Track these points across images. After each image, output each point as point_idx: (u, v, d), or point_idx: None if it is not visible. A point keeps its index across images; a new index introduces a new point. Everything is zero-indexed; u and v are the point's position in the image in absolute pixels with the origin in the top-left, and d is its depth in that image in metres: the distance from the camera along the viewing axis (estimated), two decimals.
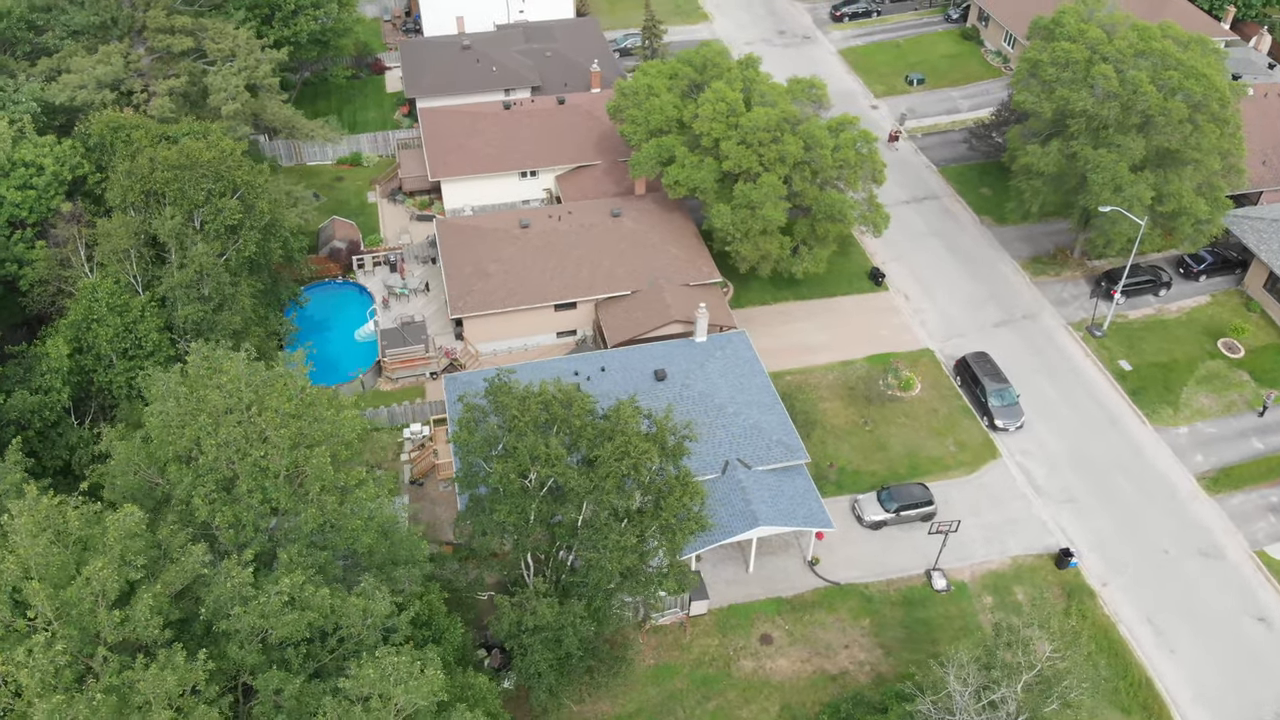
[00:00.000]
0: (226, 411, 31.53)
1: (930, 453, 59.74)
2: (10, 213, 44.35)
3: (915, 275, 72.18)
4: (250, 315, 45.65)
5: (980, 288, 71.01)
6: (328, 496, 31.94)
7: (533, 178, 74.16)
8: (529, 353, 64.54)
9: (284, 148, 79.27)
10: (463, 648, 38.80)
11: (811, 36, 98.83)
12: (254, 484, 31.12)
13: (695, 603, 50.59)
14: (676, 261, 64.74)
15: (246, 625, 27.29)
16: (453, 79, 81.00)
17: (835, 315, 68.75)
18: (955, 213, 77.57)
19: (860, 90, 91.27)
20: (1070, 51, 61.64)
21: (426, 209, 75.38)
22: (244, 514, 31.27)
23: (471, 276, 63.00)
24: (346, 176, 79.64)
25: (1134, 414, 62.17)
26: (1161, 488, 57.97)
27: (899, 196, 78.95)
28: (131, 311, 41.85)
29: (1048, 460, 59.49)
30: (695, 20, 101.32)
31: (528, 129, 74.77)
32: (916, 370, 64.68)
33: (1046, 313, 69.07)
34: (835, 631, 50.96)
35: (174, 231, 42.42)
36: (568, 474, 38.41)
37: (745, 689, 48.50)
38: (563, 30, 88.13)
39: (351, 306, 67.23)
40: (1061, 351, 66.25)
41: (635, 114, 65.60)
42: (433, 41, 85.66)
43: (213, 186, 43.61)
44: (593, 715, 47.23)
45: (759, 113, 61.98)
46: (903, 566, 53.87)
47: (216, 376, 32.21)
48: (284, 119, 56.53)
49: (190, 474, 31.28)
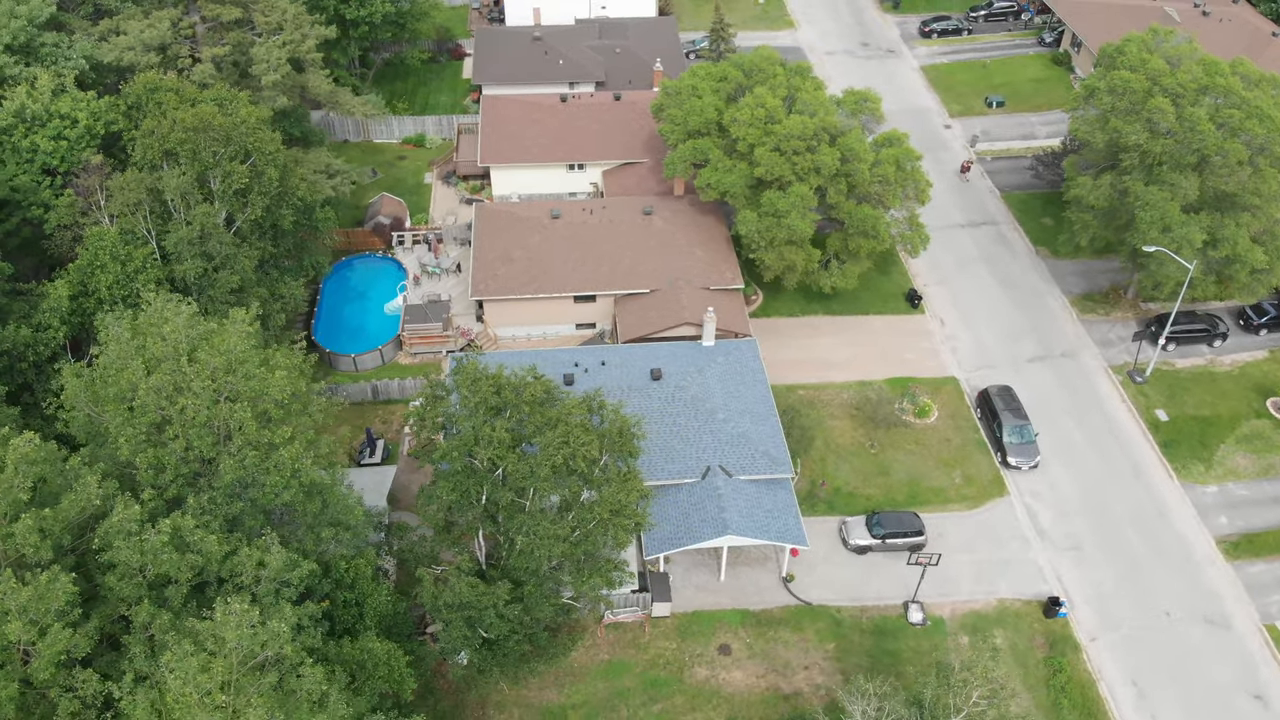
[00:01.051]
0: (164, 359, 33.28)
1: (933, 482, 57.96)
2: (43, 161, 47.77)
3: (955, 300, 70.01)
4: (251, 277, 47.76)
5: (1022, 319, 68.39)
6: (248, 451, 33.30)
7: (580, 171, 74.93)
8: (546, 341, 65.34)
9: (352, 125, 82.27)
10: (394, 615, 39.74)
11: (896, 50, 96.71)
12: (180, 430, 32.75)
13: (657, 604, 50.47)
14: (700, 264, 64.51)
15: (125, 559, 28.77)
16: (520, 69, 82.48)
17: (863, 334, 67.29)
18: (1011, 240, 74.84)
19: (936, 108, 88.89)
20: (1128, 81, 58.79)
21: (477, 194, 77.03)
22: (166, 458, 32.93)
23: (497, 261, 64.17)
24: (409, 156, 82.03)
25: (1161, 466, 58.94)
26: (1176, 547, 54.83)
27: (955, 219, 76.70)
28: (133, 261, 44.46)
29: (1057, 504, 56.97)
30: (779, 27, 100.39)
31: (580, 122, 75.59)
32: (936, 398, 62.80)
33: (1088, 352, 66.05)
34: (797, 651, 50.06)
35: (179, 189, 44.91)
36: (509, 458, 38.91)
37: (694, 696, 48.16)
38: (638, 28, 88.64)
39: (387, 280, 69.32)
40: (1095, 394, 63.27)
41: (675, 113, 65.61)
42: (507, 31, 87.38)
43: (222, 150, 45.88)
44: (537, 701, 47.66)
45: (795, 121, 61.17)
46: (881, 594, 52.49)
47: (161, 326, 34.02)
48: (326, 93, 58.71)
49: (123, 414, 33.16)
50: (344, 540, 37.87)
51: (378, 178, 78.61)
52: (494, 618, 39.29)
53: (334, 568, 37.19)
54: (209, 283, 46.59)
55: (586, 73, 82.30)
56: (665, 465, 52.17)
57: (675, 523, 50.35)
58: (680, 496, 51.31)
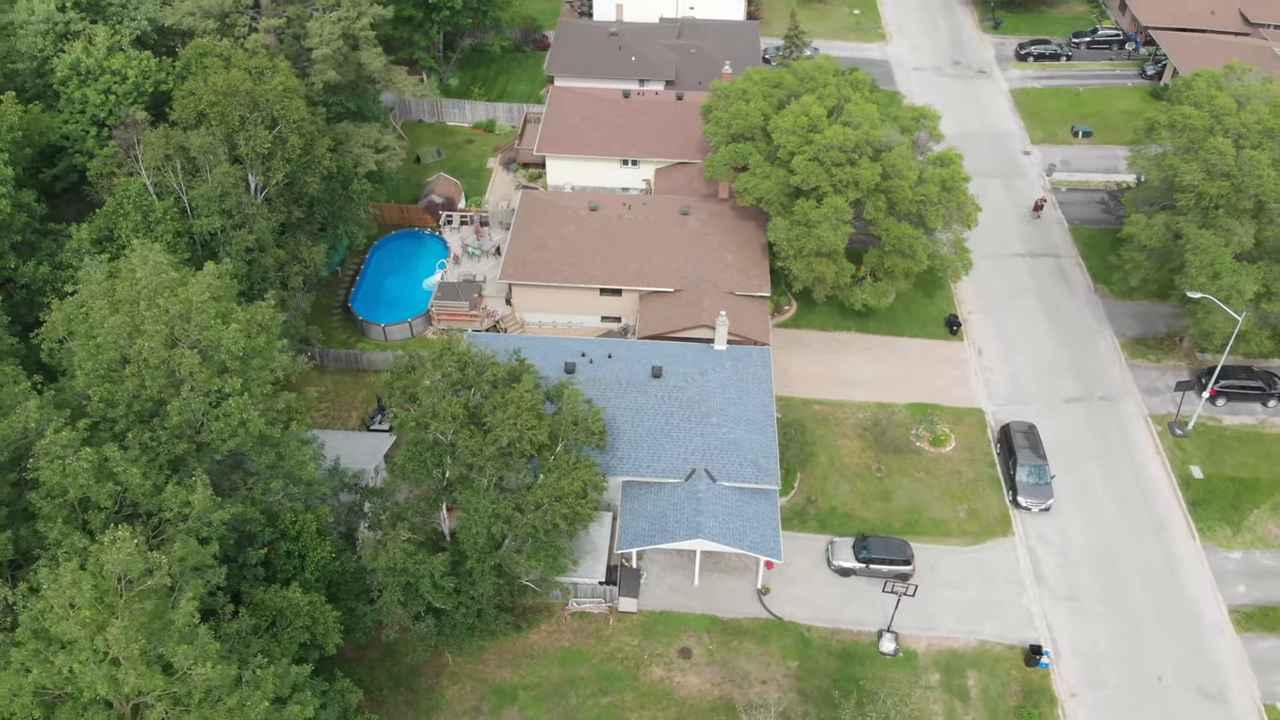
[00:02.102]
0: (129, 302, 35.39)
1: (936, 513, 56.23)
2: (93, 113, 51.24)
3: (999, 331, 67.60)
4: (269, 238, 50.03)
5: (1065, 357, 65.55)
6: (196, 396, 35.05)
7: (634, 167, 75.39)
8: (571, 330, 66.09)
9: (427, 106, 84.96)
10: (341, 573, 41.04)
11: (988, 71, 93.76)
12: (136, 370, 34.76)
13: (624, 598, 50.59)
14: (729, 269, 64.15)
15: (47, 478, 30.76)
16: (592, 62, 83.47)
17: (893, 355, 65.67)
18: (1070, 275, 71.75)
19: (1017, 133, 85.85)
20: (1189, 117, 55.70)
21: (533, 181, 78.39)
22: (119, 394, 34.99)
23: (529, 247, 65.27)
24: (477, 140, 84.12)
25: (1185, 525, 55.70)
26: (1184, 611, 51.77)
27: (1014, 247, 74.03)
28: (155, 212, 47.20)
29: (1064, 551, 54.52)
30: (870, 39, 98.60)
31: (640, 119, 76.10)
32: (957, 428, 60.85)
33: (1130, 399, 62.84)
34: (758, 664, 49.41)
35: (204, 148, 47.46)
36: (462, 434, 39.74)
37: (646, 695, 48.10)
38: (719, 30, 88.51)
39: (430, 257, 71.36)
40: (1129, 442, 60.17)
41: (721, 116, 65.42)
42: (586, 25, 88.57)
43: (248, 115, 48.25)
44: (492, 678, 48.41)
45: (836, 131, 60.19)
46: (857, 619, 51.30)
47: (133, 272, 36.21)
48: (378, 70, 60.87)
49: (88, 349, 35.46)
50: (294, 494, 39.41)
51: (442, 158, 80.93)
52: (429, 587, 40.22)
53: (280, 518, 38.78)
54: (226, 239, 49.11)
55: (657, 71, 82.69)
56: (651, 463, 52.22)
57: (651, 520, 50.37)
58: (660, 495, 51.29)
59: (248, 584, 37.19)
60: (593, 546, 51.09)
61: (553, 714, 47.32)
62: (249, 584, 37.19)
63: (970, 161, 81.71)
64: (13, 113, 46.72)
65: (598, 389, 54.82)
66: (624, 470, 52.14)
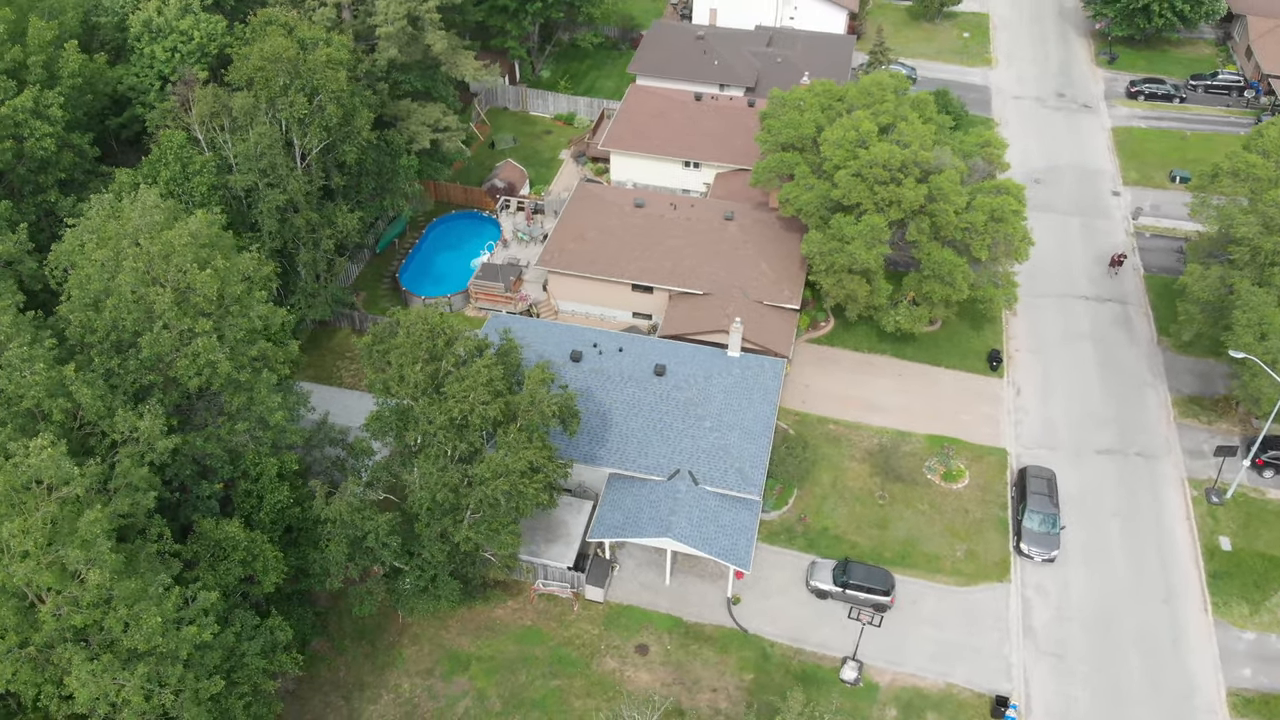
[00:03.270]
0: (117, 238, 38.08)
1: (931, 548, 54.47)
2: (159, 69, 55.13)
3: (1044, 372, 64.81)
4: (301, 199, 52.69)
5: (1108, 407, 62.32)
6: (165, 332, 37.48)
7: (696, 169, 75.65)
8: (602, 323, 66.87)
9: (513, 95, 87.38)
10: (302, 521, 42.95)
11: (1093, 106, 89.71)
12: (117, 301, 37.47)
13: (590, 586, 51.04)
14: (762, 278, 63.69)
15: (3, 386, 33.45)
16: (674, 64, 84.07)
17: (924, 384, 63.82)
18: (1134, 324, 68.06)
19: (1110, 172, 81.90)
20: (1254, 166, 52.24)
21: (599, 176, 79.58)
22: (96, 322, 37.77)
23: (570, 237, 66.41)
24: (555, 132, 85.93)
25: (1200, 596, 52.25)
26: (1178, 684, 48.63)
27: (1080, 289, 70.75)
28: (193, 164, 50.48)
29: (1061, 605, 51.97)
30: (974, 63, 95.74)
31: (707, 123, 76.30)
32: (974, 466, 58.73)
33: (1170, 459, 59.27)
34: (713, 671, 49.05)
35: (243, 108, 50.45)
36: (421, 401, 41.08)
37: (594, 683, 48.44)
38: (810, 42, 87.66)
39: (483, 238, 73.44)
40: (1158, 503, 56.81)
41: (773, 124, 65.03)
42: (676, 27, 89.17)
43: (289, 82, 51.00)
44: (451, 645, 49.69)
45: (882, 148, 59.05)
46: (823, 643, 50.25)
47: (128, 211, 39.00)
48: (442, 52, 63.06)
49: (75, 278, 38.45)
50: (261, 438, 41.58)
51: (516, 145, 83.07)
52: (374, 543, 41.71)
53: (243, 458, 41.02)
54: (258, 197, 52.05)
55: (738, 77, 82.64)
56: (637, 458, 52.52)
57: (626, 514, 50.67)
58: (641, 491, 51.52)
59: (199, 515, 39.51)
60: (566, 532, 51.76)
61: (500, 688, 48.23)
62: (200, 515, 39.50)
63: (1053, 197, 79.05)
64: (74, 60, 50.91)
65: (599, 379, 55.53)
66: (611, 462, 52.62)
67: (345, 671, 48.74)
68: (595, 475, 53.58)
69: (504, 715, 47.21)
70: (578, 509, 52.81)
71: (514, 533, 42.44)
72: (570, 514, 52.55)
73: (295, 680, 47.95)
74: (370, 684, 48.31)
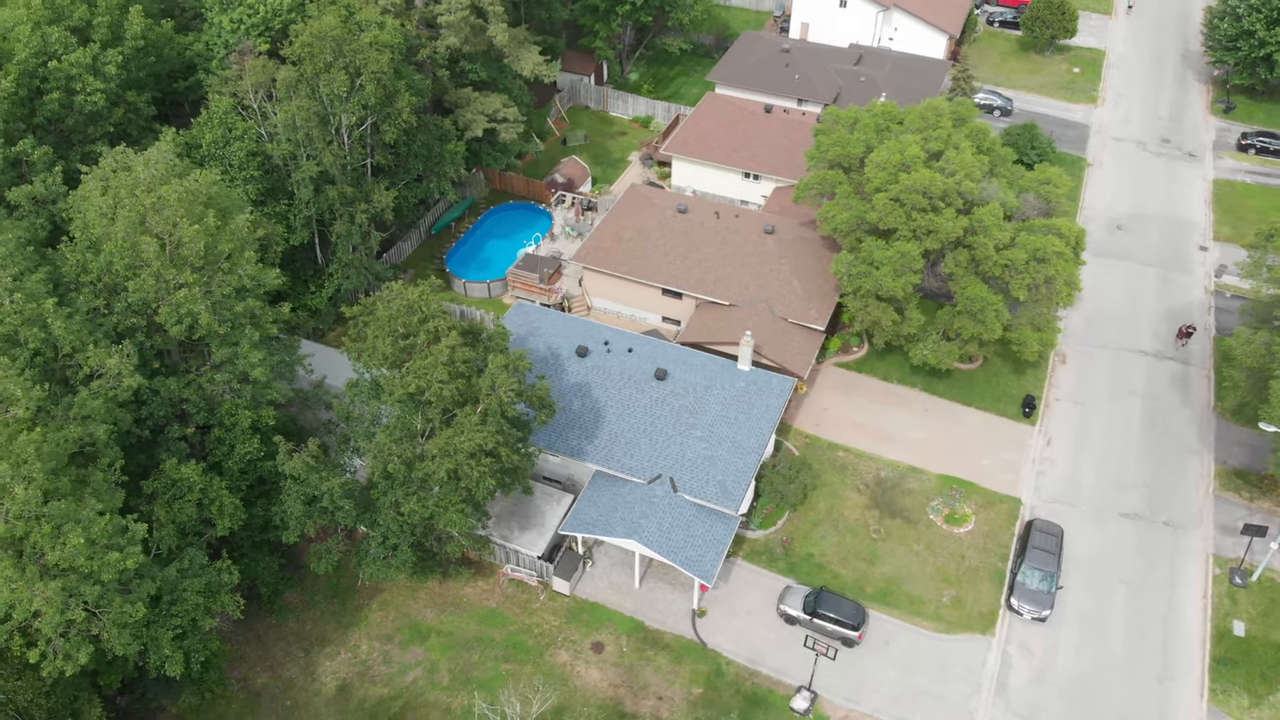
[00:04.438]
0: (118, 188, 40.72)
1: (917, 590, 52.57)
2: (226, 38, 58.46)
3: (1081, 424, 61.60)
4: (336, 172, 55.00)
5: (1143, 470, 58.75)
6: (151, 280, 39.91)
7: (755, 181, 75.09)
8: (632, 324, 67.15)
9: (595, 94, 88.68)
10: (270, 470, 44.84)
11: (1197, 155, 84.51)
12: (112, 246, 40.14)
13: (556, 578, 51.43)
14: (792, 295, 62.73)
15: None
16: (754, 75, 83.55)
17: (949, 422, 61.58)
18: (1191, 386, 63.87)
19: (1201, 225, 77.05)
20: None
21: (662, 180, 79.90)
22: (92, 264, 40.54)
23: (609, 236, 66.97)
24: (629, 133, 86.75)
25: (1198, 680, 48.75)
26: None
27: (1141, 344, 66.88)
28: (235, 129, 53.40)
29: (1043, 667, 49.37)
30: (1078, 100, 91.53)
31: (773, 135, 75.63)
32: (983, 512, 56.38)
33: (1199, 532, 55.46)
34: (662, 680, 48.73)
35: (285, 81, 53.03)
36: (385, 374, 42.38)
37: (544, 673, 48.78)
38: (901, 63, 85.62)
39: (535, 229, 74.82)
40: (1174, 577, 53.27)
41: (822, 140, 63.95)
42: (762, 39, 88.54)
43: (332, 59, 53.27)
44: (415, 615, 50.97)
45: (923, 175, 57.32)
46: (781, 668, 49.22)
47: (136, 164, 41.74)
48: (507, 46, 64.57)
49: (78, 223, 41.48)
50: (240, 390, 43.74)
51: (587, 143, 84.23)
52: (329, 503, 43.24)
53: (218, 407, 43.26)
54: (294, 165, 54.63)
55: (816, 92, 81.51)
56: (622, 459, 52.58)
57: (601, 512, 50.87)
58: (620, 491, 51.60)
59: (165, 454, 41.85)
60: (542, 521, 52.33)
61: (452, 663, 49.16)
62: (166, 454, 41.83)
63: (1133, 245, 75.02)
64: (137, 23, 54.57)
65: (600, 376, 55.87)
66: (597, 459, 52.89)
67: (311, 626, 50.66)
68: (583, 470, 53.96)
69: (450, 690, 48.13)
70: (557, 500, 53.31)
71: (462, 512, 43.22)
72: (549, 505, 53.09)
73: (266, 626, 50.19)
74: (332, 640, 50.05)
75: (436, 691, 48.02)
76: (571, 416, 54.17)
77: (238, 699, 47.53)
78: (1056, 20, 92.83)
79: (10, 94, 47.85)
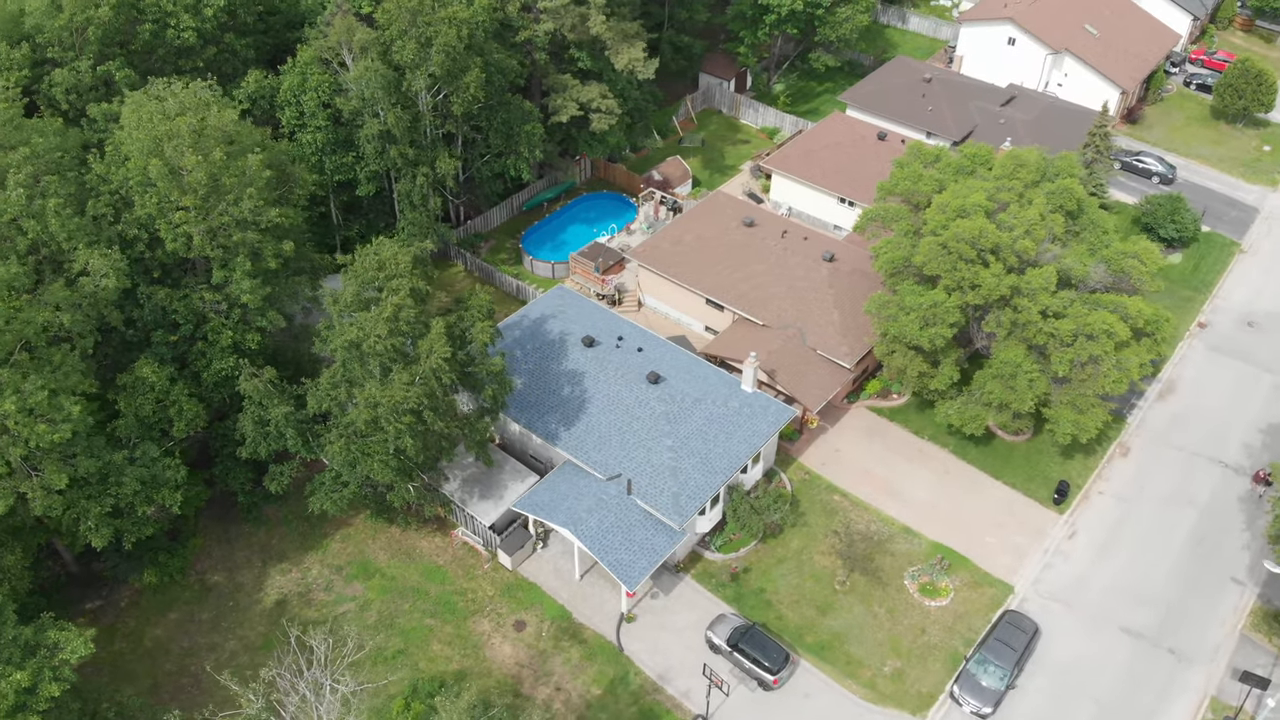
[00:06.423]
0: (150, 115, 45.24)
1: (858, 652, 49.89)
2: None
3: (1116, 525, 56.01)
4: (399, 134, 58.33)
5: (1168, 590, 52.70)
6: (152, 196, 44.42)
7: (850, 208, 72.72)
8: (676, 326, 67.04)
9: (728, 100, 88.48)
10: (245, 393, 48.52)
11: None
12: (131, 165, 45.06)
13: (501, 551, 52.65)
14: (829, 327, 60.61)
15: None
16: (886, 101, 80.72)
17: (966, 490, 57.65)
18: (1262, 511, 56.39)
19: None
20: None
21: (764, 192, 78.83)
22: (114, 173, 45.64)
23: (671, 239, 67.10)
24: (752, 141, 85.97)
25: None
26: None
27: (1223, 454, 59.80)
28: (311, 79, 57.72)
29: None
30: (1257, 180, 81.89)
31: (878, 163, 72.69)
32: (967, 592, 52.59)
33: (1208, 669, 49.28)
34: (568, 671, 49.01)
35: (360, 43, 56.60)
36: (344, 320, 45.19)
37: (459, 636, 50.25)
38: (1051, 110, 79.68)
39: (618, 220, 75.98)
40: (1158, 709, 47.70)
41: (897, 174, 61.12)
42: (908, 66, 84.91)
43: (406, 28, 56.28)
44: (368, 553, 53.67)
45: (973, 223, 53.74)
46: (686, 693, 48.24)
47: (168, 95, 46.35)
48: (612, 40, 65.67)
49: (111, 143, 46.76)
50: (230, 313, 47.84)
51: (704, 147, 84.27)
52: (273, 428, 46.54)
53: (205, 324, 47.55)
54: (361, 122, 58.60)
55: (946, 127, 77.73)
56: (590, 452, 53.01)
57: (554, 497, 51.67)
58: (578, 482, 52.16)
59: (145, 356, 46.36)
60: (501, 494, 53.68)
61: (383, 607, 51.51)
62: (149, 357, 46.32)
63: (1257, 345, 67.14)
64: None
65: (596, 368, 56.34)
66: (568, 447, 53.63)
67: (277, 541, 54.50)
68: (558, 456, 54.78)
69: (373, 630, 50.41)
70: (523, 478, 54.48)
71: (385, 464, 45.30)
72: (514, 480, 54.36)
73: (239, 532, 54.55)
74: (289, 558, 53.67)
75: (359, 628, 50.40)
76: (557, 401, 55.13)
77: (191, 588, 52.09)
78: (1251, 90, 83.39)
79: (108, 20, 54.04)
